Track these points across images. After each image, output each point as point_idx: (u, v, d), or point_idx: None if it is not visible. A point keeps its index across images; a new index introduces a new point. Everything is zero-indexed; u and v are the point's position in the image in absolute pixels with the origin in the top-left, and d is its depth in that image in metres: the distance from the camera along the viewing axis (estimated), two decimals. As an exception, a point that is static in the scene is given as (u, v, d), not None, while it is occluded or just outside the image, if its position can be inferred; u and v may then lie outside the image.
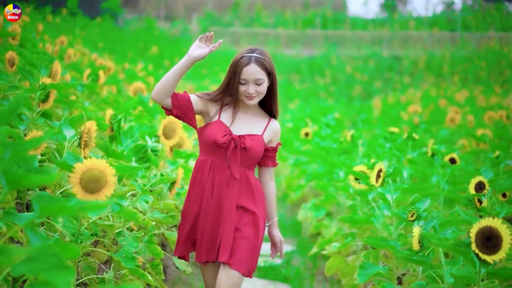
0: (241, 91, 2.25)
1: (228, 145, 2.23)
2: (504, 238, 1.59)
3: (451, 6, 23.29)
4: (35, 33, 6.09)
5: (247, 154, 2.25)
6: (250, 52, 2.25)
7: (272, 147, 2.37)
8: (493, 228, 1.60)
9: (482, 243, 1.60)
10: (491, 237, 1.59)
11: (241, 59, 2.23)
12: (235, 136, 2.25)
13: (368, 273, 2.41)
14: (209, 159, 2.27)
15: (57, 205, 1.40)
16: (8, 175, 1.32)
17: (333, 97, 15.40)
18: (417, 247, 1.97)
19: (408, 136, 3.80)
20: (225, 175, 2.24)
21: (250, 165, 2.30)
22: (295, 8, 23.17)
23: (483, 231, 1.60)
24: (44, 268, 1.28)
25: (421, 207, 2.17)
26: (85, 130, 2.27)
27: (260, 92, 2.24)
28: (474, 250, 1.61)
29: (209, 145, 2.27)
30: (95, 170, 1.97)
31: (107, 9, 15.66)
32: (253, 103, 2.26)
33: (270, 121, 2.36)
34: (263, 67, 2.23)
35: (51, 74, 3.12)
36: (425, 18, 22.06)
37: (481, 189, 2.47)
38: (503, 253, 1.59)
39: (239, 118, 2.31)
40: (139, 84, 4.98)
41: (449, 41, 19.78)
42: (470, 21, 20.56)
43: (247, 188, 2.27)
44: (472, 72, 15.94)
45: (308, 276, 3.79)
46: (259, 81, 2.22)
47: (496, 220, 1.60)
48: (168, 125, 2.92)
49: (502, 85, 14.20)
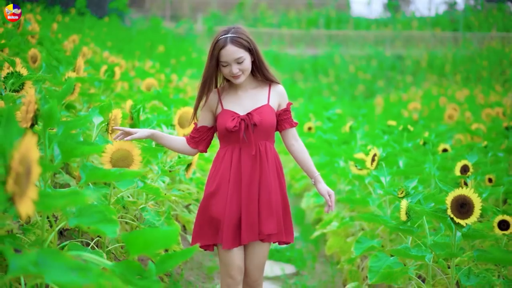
0: (225, 73, 2.26)
1: (240, 127, 2.25)
2: (475, 205, 1.87)
3: (453, 6, 23.48)
4: (49, 32, 6.40)
5: (260, 128, 2.26)
6: (224, 33, 2.24)
7: (283, 109, 2.35)
8: (466, 196, 1.87)
9: (457, 209, 1.88)
10: (464, 204, 1.87)
11: (217, 43, 2.23)
12: (243, 116, 2.26)
13: (364, 247, 2.68)
14: (229, 148, 2.29)
15: (101, 172, 1.70)
16: (63, 146, 1.61)
17: (336, 95, 15.64)
18: (405, 218, 2.24)
19: (404, 128, 4.08)
20: (248, 155, 2.26)
21: (268, 136, 2.31)
22: (299, 8, 23.42)
23: (457, 199, 1.88)
24: (93, 221, 1.57)
25: (409, 186, 2.45)
26: (112, 117, 2.55)
27: (245, 69, 2.25)
28: (450, 215, 1.89)
29: (224, 134, 2.29)
30: (123, 150, 2.27)
31: (115, 9, 15.94)
32: (241, 81, 2.26)
33: (271, 86, 2.35)
34: (240, 45, 2.23)
35: (75, 69, 3.41)
36: (428, 18, 22.27)
37: (465, 172, 2.75)
38: (474, 217, 1.87)
39: (241, 97, 2.32)
40: (151, 80, 5.31)
41: (451, 41, 19.98)
42: (473, 21, 20.75)
43: (269, 160, 2.28)
44: (474, 72, 16.13)
45: (311, 257, 4.07)
46: (240, 60, 2.22)
47: (468, 189, 1.88)
48: (182, 115, 3.20)
49: (504, 84, 14.41)
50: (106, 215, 1.58)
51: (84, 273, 1.08)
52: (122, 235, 1.33)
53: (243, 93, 2.33)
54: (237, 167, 2.26)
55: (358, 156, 3.22)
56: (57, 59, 3.72)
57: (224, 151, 2.30)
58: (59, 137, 1.64)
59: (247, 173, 2.25)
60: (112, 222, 1.56)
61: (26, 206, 1.03)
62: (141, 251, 1.35)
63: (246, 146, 2.27)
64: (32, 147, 1.03)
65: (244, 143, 2.27)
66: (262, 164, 2.26)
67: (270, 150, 2.30)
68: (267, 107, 2.30)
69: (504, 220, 2.35)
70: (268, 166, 2.27)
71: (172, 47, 15.24)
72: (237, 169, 2.26)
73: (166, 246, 1.32)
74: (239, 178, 2.26)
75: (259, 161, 2.26)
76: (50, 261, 1.07)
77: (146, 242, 1.31)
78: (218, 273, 3.61)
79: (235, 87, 2.34)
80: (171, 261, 1.38)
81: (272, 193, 2.27)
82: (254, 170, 2.26)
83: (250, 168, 2.26)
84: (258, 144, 2.27)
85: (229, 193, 2.25)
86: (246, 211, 2.23)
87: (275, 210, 2.27)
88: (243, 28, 2.29)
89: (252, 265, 2.31)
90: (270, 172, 2.28)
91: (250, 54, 2.27)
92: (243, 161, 2.26)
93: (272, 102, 2.33)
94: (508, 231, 2.34)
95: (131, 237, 1.32)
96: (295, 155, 2.40)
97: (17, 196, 1.01)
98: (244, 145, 2.27)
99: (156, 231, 1.31)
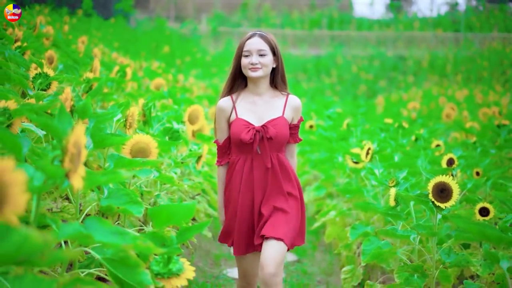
0: (245, 63, 2.26)
1: (254, 139, 2.25)
2: (454, 190, 2.12)
3: (455, 7, 23.68)
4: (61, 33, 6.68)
5: (275, 141, 2.27)
6: (254, 31, 2.35)
7: (294, 124, 2.37)
8: (445, 183, 2.12)
9: (437, 194, 2.13)
10: (444, 189, 2.12)
11: (245, 37, 2.32)
12: (259, 128, 2.26)
13: (358, 232, 2.93)
14: (241, 157, 2.31)
15: (126, 160, 1.95)
16: (95, 137, 1.86)
17: (338, 95, 15.88)
18: (393, 204, 2.49)
19: (399, 125, 4.33)
20: (260, 166, 2.28)
21: (281, 148, 2.33)
22: (302, 9, 23.66)
23: (438, 185, 2.13)
24: (122, 202, 1.82)
25: (400, 176, 2.70)
26: (130, 113, 2.82)
27: (264, 64, 2.26)
28: (431, 199, 2.14)
29: (237, 145, 2.31)
30: (141, 143, 2.52)
31: (120, 10, 16.22)
32: (258, 75, 2.26)
33: (288, 98, 2.36)
34: (266, 41, 2.27)
35: (92, 69, 3.68)
36: (430, 19, 22.48)
37: (451, 164, 3.00)
38: (452, 201, 2.12)
39: (257, 104, 2.32)
40: (160, 80, 5.58)
41: (452, 41, 20.19)
42: (474, 22, 20.95)
43: (282, 172, 2.30)
44: (474, 72, 16.33)
45: (311, 247, 4.32)
46: (262, 52, 2.24)
47: (447, 177, 2.13)
48: (192, 112, 3.46)
49: (504, 85, 14.62)
50: (132, 197, 1.84)
51: (123, 236, 1.34)
52: (148, 209, 1.59)
53: (260, 99, 2.33)
54: (249, 178, 2.29)
55: (354, 150, 3.47)
56: (75, 60, 3.98)
57: (237, 159, 2.33)
58: (91, 129, 1.90)
59: (259, 183, 2.27)
60: (137, 203, 1.82)
61: (77, 181, 1.28)
62: (165, 223, 1.61)
63: (258, 158, 2.28)
64: (81, 134, 1.29)
65: (257, 154, 2.29)
66: (274, 175, 2.28)
67: (282, 162, 2.31)
68: (282, 119, 2.30)
69: (484, 207, 2.61)
70: (280, 177, 2.28)
71: (177, 48, 15.50)
72: (249, 180, 2.29)
73: (186, 218, 1.58)
74: (251, 188, 2.28)
75: (271, 173, 2.28)
76: (96, 226, 1.33)
77: (169, 215, 1.57)
78: (224, 260, 3.88)
79: (251, 94, 2.34)
80: (189, 233, 1.63)
81: (283, 202, 2.27)
82: (265, 181, 2.28)
83: (262, 179, 2.28)
84: (271, 156, 2.29)
85: (240, 202, 2.30)
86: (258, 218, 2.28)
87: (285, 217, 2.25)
88: (272, 35, 2.36)
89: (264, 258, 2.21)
90: (282, 182, 2.29)
91: (273, 56, 2.30)
92: (255, 172, 2.28)
93: (286, 114, 2.33)
94: (487, 217, 2.60)
95: (156, 211, 1.57)
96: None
97: (71, 172, 1.27)
98: (257, 157, 2.29)
99: (177, 205, 1.57)
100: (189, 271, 1.74)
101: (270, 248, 2.19)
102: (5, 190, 0.99)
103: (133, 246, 1.33)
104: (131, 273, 1.50)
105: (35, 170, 1.22)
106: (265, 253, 2.19)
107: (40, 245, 0.91)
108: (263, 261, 2.19)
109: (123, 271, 1.50)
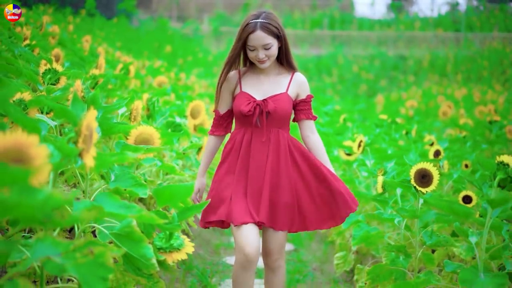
0: (252, 56, 2.28)
1: (254, 112, 2.27)
2: (434, 176, 2.28)
3: (456, 7, 23.82)
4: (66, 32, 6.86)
5: (274, 116, 2.27)
6: (255, 18, 2.25)
7: (302, 100, 2.35)
8: (426, 169, 2.29)
9: (419, 179, 2.29)
10: (425, 175, 2.28)
11: (246, 26, 2.25)
12: (259, 101, 2.28)
13: (350, 221, 3.09)
14: (242, 130, 2.33)
15: (132, 147, 2.13)
16: (103, 125, 2.04)
17: (339, 95, 16.04)
18: (380, 190, 2.66)
19: (392, 121, 4.50)
20: (259, 141, 2.28)
21: (282, 124, 2.31)
22: (303, 9, 23.82)
23: (419, 171, 2.29)
24: (128, 185, 1.99)
25: (387, 166, 2.87)
26: (134, 107, 2.99)
27: (271, 55, 2.26)
28: (413, 184, 2.30)
29: (238, 117, 2.33)
30: (145, 134, 2.69)
31: (123, 10, 16.39)
32: (266, 66, 2.28)
33: (294, 75, 2.36)
34: (270, 32, 2.23)
35: (98, 66, 3.85)
36: (430, 18, 22.62)
37: (437, 155, 3.17)
38: (433, 186, 2.28)
39: (261, 81, 2.34)
40: (162, 78, 5.76)
41: (453, 41, 20.32)
42: (474, 21, 21.08)
43: (283, 148, 2.28)
44: (475, 72, 16.46)
45: (308, 238, 4.49)
46: (267, 46, 2.23)
47: (428, 163, 2.30)
48: (194, 107, 3.63)
49: (504, 84, 14.76)
50: (137, 180, 2.01)
51: (130, 209, 1.51)
52: (153, 190, 1.76)
53: (265, 77, 2.34)
54: (246, 151, 2.30)
55: (347, 143, 3.64)
56: (81, 58, 4.16)
57: (237, 132, 2.34)
58: (99, 118, 2.07)
59: (255, 157, 2.28)
60: (143, 186, 1.99)
61: (90, 160, 1.45)
62: (167, 202, 1.78)
63: (258, 131, 2.30)
64: (93, 118, 1.46)
65: (256, 128, 2.30)
66: (272, 151, 2.27)
67: (282, 138, 2.29)
68: (285, 95, 2.31)
69: (467, 195, 2.78)
70: (279, 154, 2.28)
71: (179, 47, 15.67)
72: (246, 152, 2.30)
73: (185, 197, 1.75)
74: (247, 161, 2.29)
75: (269, 148, 2.28)
76: (105, 200, 1.51)
77: (171, 194, 1.74)
78: (224, 249, 4.05)
79: (258, 71, 2.35)
80: (188, 212, 1.80)
81: (282, 179, 2.25)
82: (262, 156, 2.28)
83: (259, 153, 2.28)
84: (269, 131, 2.29)
85: (236, 174, 2.29)
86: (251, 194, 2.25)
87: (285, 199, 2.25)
88: (274, 14, 2.29)
89: (268, 244, 2.27)
90: (281, 160, 2.27)
91: (278, 41, 2.28)
92: (253, 146, 2.29)
93: (291, 91, 2.33)
94: (470, 204, 2.76)
95: (159, 190, 1.75)
96: (309, 148, 2.36)
97: (84, 151, 1.44)
98: (256, 130, 2.30)
99: (177, 186, 1.74)
100: (188, 246, 1.91)
101: (273, 234, 2.26)
102: (30, 162, 1.17)
103: (138, 216, 1.50)
104: (136, 247, 1.68)
105: (54, 148, 1.38)
106: (268, 240, 2.27)
107: (62, 201, 1.07)
108: (266, 247, 2.28)
109: (128, 245, 1.68)
